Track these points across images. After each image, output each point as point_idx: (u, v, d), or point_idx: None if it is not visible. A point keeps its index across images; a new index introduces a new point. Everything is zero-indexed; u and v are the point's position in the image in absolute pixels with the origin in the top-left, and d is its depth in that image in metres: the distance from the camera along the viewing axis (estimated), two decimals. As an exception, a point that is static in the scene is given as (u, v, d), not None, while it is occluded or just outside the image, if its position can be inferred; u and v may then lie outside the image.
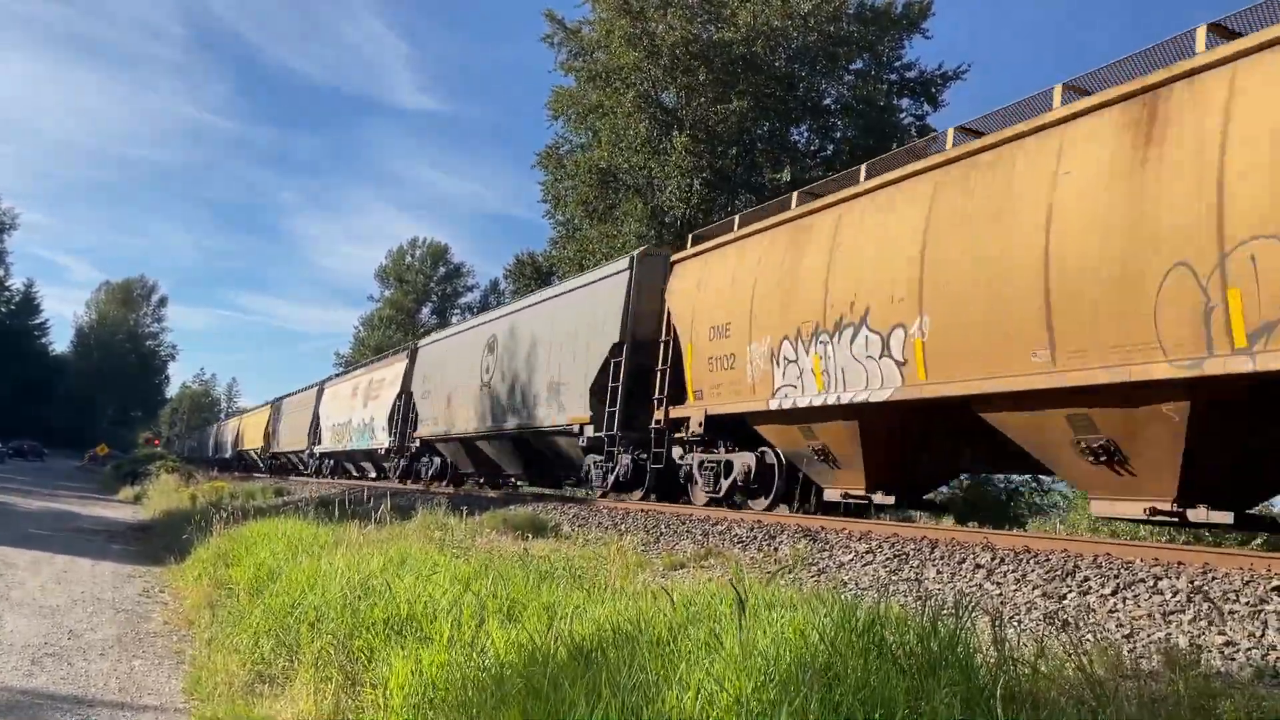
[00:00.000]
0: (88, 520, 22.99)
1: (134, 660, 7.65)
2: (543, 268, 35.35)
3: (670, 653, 4.23)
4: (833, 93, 31.25)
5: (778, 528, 10.14)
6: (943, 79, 30.70)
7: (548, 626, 4.95)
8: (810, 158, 30.54)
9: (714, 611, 4.92)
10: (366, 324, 77.03)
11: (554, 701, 3.67)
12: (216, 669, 6.65)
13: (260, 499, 23.34)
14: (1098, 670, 3.76)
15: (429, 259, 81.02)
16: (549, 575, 7.22)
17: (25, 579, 11.55)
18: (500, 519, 12.27)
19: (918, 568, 7.61)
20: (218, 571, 10.44)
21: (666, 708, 3.49)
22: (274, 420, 48.69)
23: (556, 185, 32.52)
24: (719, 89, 28.54)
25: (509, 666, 4.44)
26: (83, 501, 30.80)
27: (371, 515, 11.64)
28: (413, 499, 16.15)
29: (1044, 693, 3.50)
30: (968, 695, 3.36)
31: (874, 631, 3.96)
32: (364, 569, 7.34)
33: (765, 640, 4.01)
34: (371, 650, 5.61)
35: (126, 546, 17.35)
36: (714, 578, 7.37)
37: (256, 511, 16.31)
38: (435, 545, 9.39)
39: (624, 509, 13.45)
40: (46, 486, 37.37)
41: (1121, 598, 6.01)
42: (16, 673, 6.86)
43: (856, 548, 8.57)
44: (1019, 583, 6.71)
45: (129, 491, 35.81)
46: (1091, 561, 6.87)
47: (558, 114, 32.05)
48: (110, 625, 9.07)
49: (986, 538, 8.28)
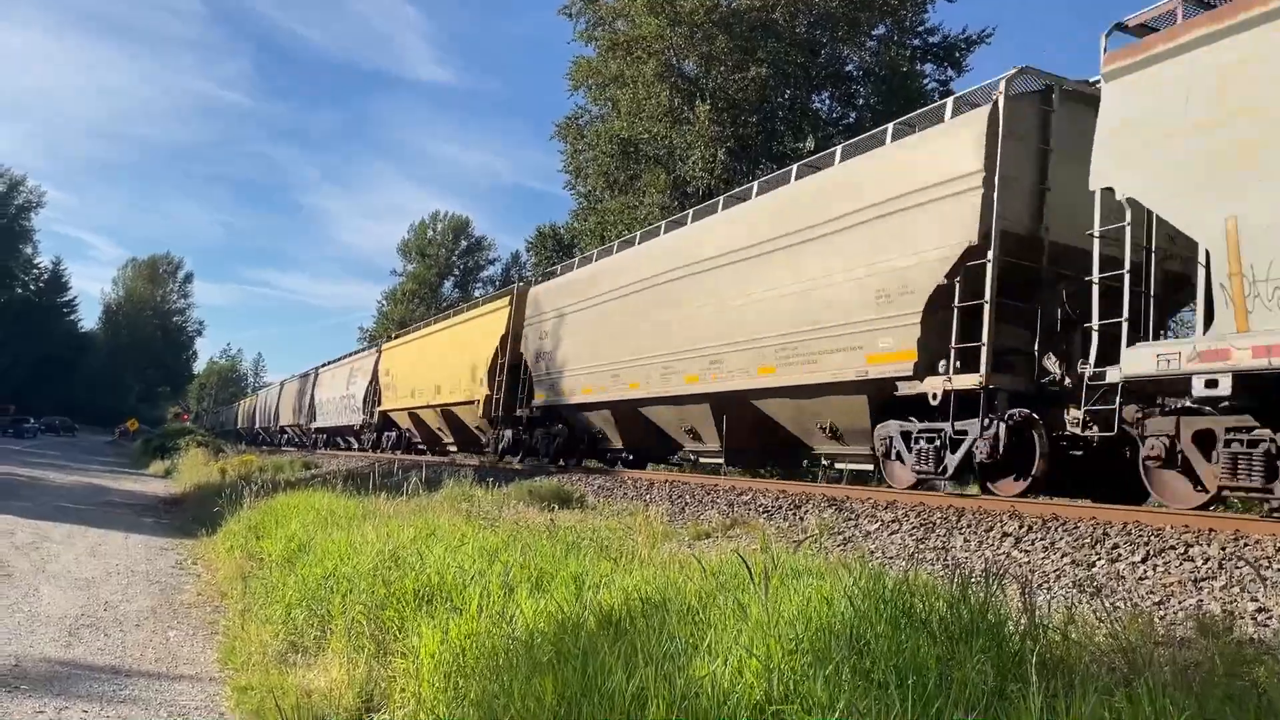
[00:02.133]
0: (119, 494, 23.33)
1: (169, 631, 7.78)
2: (564, 240, 35.30)
3: (699, 621, 4.25)
4: (855, 59, 30.86)
5: (803, 497, 10.14)
6: (967, 44, 30.24)
7: (576, 596, 4.97)
8: (832, 125, 30.23)
9: (741, 580, 4.93)
10: (390, 298, 77.30)
11: (589, 670, 3.69)
12: (250, 639, 6.75)
13: (289, 472, 23.59)
14: (1129, 637, 3.74)
15: (450, 232, 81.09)
16: (576, 545, 7.26)
17: (60, 552, 11.74)
18: (526, 490, 12.33)
19: (944, 536, 7.59)
20: (249, 544, 10.58)
21: (697, 675, 3.51)
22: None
23: (577, 156, 32.39)
24: (739, 56, 28.25)
25: (539, 635, 4.47)
26: (114, 476, 31.24)
27: (399, 488, 11.74)
28: (439, 471, 16.26)
29: (1076, 660, 3.49)
30: (999, 662, 3.35)
31: (902, 599, 3.96)
32: (393, 540, 7.41)
33: (793, 608, 4.02)
34: (402, 620, 5.67)
35: (158, 520, 17.60)
36: (740, 547, 7.39)
37: (286, 484, 16.49)
38: (463, 517, 9.46)
39: (649, 479, 13.49)
40: (78, 461, 37.91)
41: (1152, 564, 5.98)
42: (55, 644, 6.99)
43: (882, 517, 8.57)
44: (1047, 550, 6.69)
45: (159, 466, 36.32)
46: (1121, 529, 6.84)
47: (577, 85, 31.85)
48: (145, 597, 9.21)
49: (1014, 506, 8.24)
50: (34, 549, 11.75)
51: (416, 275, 77.52)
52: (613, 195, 30.92)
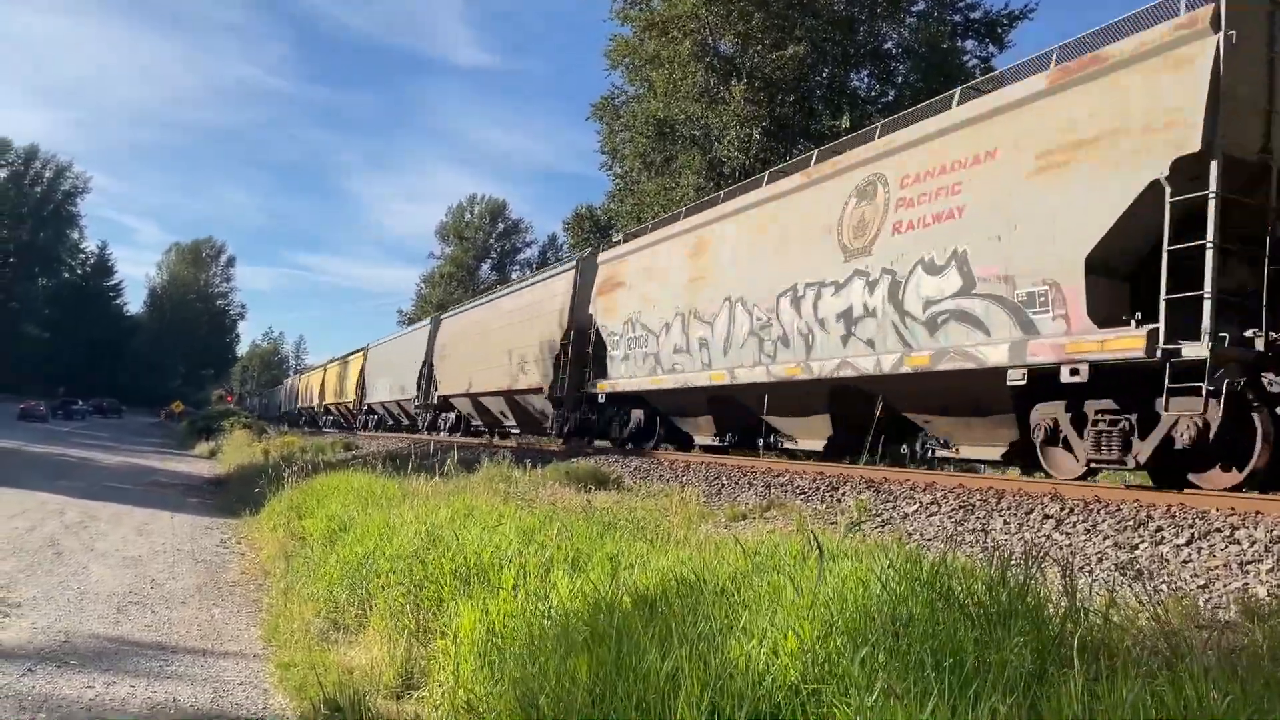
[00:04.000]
0: (165, 475, 23.77)
1: (214, 609, 7.92)
2: (601, 221, 35.28)
3: (734, 602, 4.25)
4: (894, 36, 30.45)
5: (841, 479, 10.09)
6: (1009, 19, 29.69)
7: (611, 576, 4.99)
8: (871, 103, 29.87)
9: (778, 562, 4.92)
10: (428, 281, 77.88)
11: (624, 650, 3.71)
12: (293, 617, 6.85)
13: (329, 453, 23.86)
14: (1172, 621, 3.69)
15: (488, 215, 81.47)
16: (612, 526, 7.28)
17: (108, 531, 11.99)
18: (563, 471, 12.38)
19: (984, 518, 7.52)
20: (291, 523, 10.73)
21: (732, 656, 3.51)
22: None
23: (613, 138, 32.31)
24: (776, 35, 27.98)
25: (575, 615, 4.49)
26: (160, 457, 31.82)
27: (436, 468, 11.84)
28: (477, 453, 16.38)
29: (1117, 643, 3.45)
30: (1039, 645, 3.32)
31: (940, 581, 3.93)
32: (432, 520, 7.48)
33: (828, 589, 4.01)
34: (440, 600, 5.73)
35: (203, 499, 17.91)
36: (777, 529, 7.38)
37: (326, 465, 16.70)
38: (500, 497, 9.52)
39: (685, 461, 13.49)
40: (125, 442, 38.67)
41: (1196, 548, 5.88)
42: (104, 620, 7.15)
43: (921, 499, 8.50)
44: (1089, 533, 6.60)
45: (204, 447, 36.91)
46: (1165, 511, 6.73)
47: (616, 63, 31.73)
48: (190, 575, 9.39)
49: (1054, 488, 8.14)
50: (83, 528, 12.01)
51: (454, 258, 78.01)
52: (649, 176, 30.83)
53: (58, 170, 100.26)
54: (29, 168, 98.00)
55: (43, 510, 13.44)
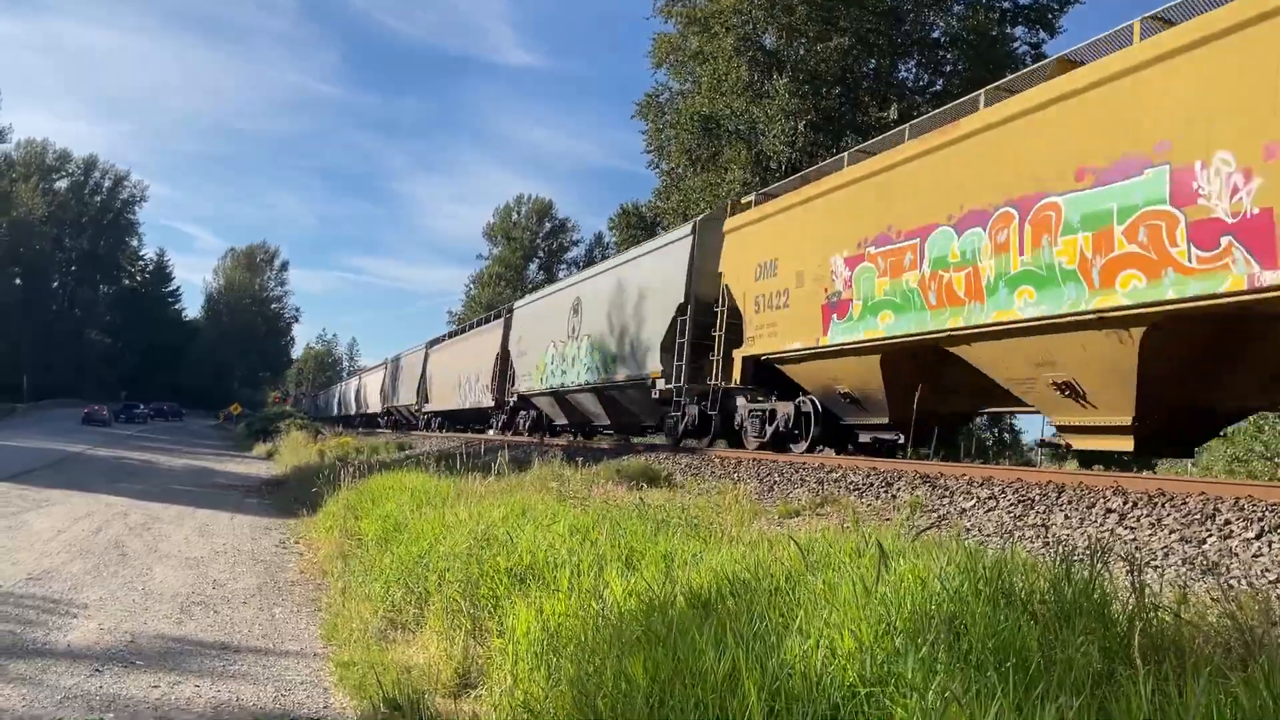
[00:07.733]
0: (224, 476, 24.23)
1: (274, 608, 8.04)
2: (647, 218, 35.25)
3: (789, 601, 4.20)
4: (941, 24, 30.05)
5: (895, 474, 9.97)
6: (1059, 4, 29.15)
7: (666, 575, 4.97)
8: (919, 94, 29.50)
9: (833, 559, 4.86)
10: (477, 282, 78.57)
11: (680, 650, 3.68)
12: (351, 616, 6.93)
13: (384, 454, 24.17)
14: (1246, 618, 3.57)
15: (534, 215, 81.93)
16: (665, 524, 7.26)
17: (170, 532, 12.25)
18: (614, 469, 12.38)
19: (1044, 513, 7.38)
20: (348, 523, 10.87)
21: (788, 656, 3.47)
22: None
23: (659, 134, 32.28)
24: (820, 27, 27.75)
25: (629, 615, 4.48)
26: (218, 458, 32.45)
27: (489, 468, 11.91)
28: (528, 451, 16.47)
29: (1188, 641, 3.35)
30: (1105, 644, 3.24)
31: (1002, 578, 3.85)
32: (486, 519, 7.52)
33: (885, 588, 3.95)
34: (496, 599, 5.75)
35: (261, 500, 18.23)
36: (830, 525, 7.31)
37: (380, 466, 16.90)
38: (553, 496, 9.55)
39: (736, 458, 13.43)
40: (185, 444, 39.51)
41: (1267, 541, 5.71)
42: (168, 620, 7.29)
43: (978, 493, 8.37)
44: (1154, 527, 6.44)
45: (261, 448, 37.59)
46: (1233, 504, 6.54)
47: (659, 62, 31.71)
48: (250, 575, 9.55)
49: (1116, 481, 7.96)
50: (146, 530, 12.28)
51: (502, 258, 78.58)
52: (695, 172, 30.75)
53: (116, 180, 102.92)
54: (89, 178, 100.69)
55: (108, 512, 13.77)
